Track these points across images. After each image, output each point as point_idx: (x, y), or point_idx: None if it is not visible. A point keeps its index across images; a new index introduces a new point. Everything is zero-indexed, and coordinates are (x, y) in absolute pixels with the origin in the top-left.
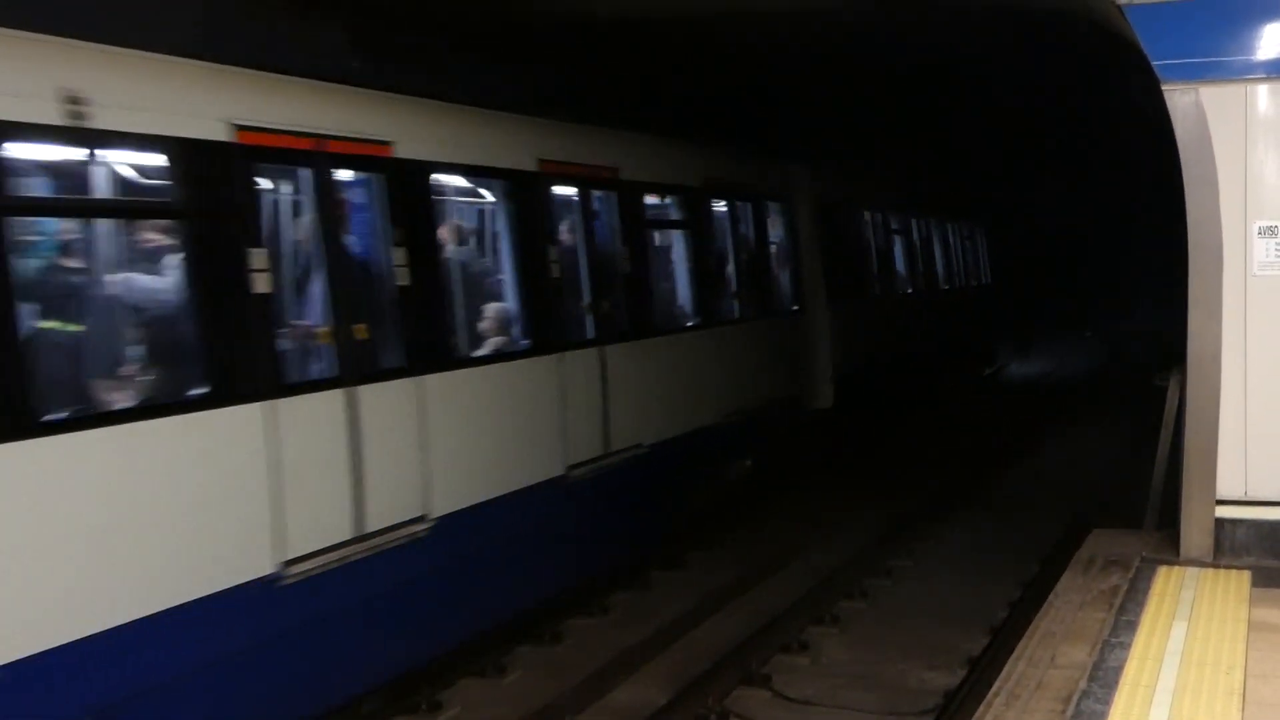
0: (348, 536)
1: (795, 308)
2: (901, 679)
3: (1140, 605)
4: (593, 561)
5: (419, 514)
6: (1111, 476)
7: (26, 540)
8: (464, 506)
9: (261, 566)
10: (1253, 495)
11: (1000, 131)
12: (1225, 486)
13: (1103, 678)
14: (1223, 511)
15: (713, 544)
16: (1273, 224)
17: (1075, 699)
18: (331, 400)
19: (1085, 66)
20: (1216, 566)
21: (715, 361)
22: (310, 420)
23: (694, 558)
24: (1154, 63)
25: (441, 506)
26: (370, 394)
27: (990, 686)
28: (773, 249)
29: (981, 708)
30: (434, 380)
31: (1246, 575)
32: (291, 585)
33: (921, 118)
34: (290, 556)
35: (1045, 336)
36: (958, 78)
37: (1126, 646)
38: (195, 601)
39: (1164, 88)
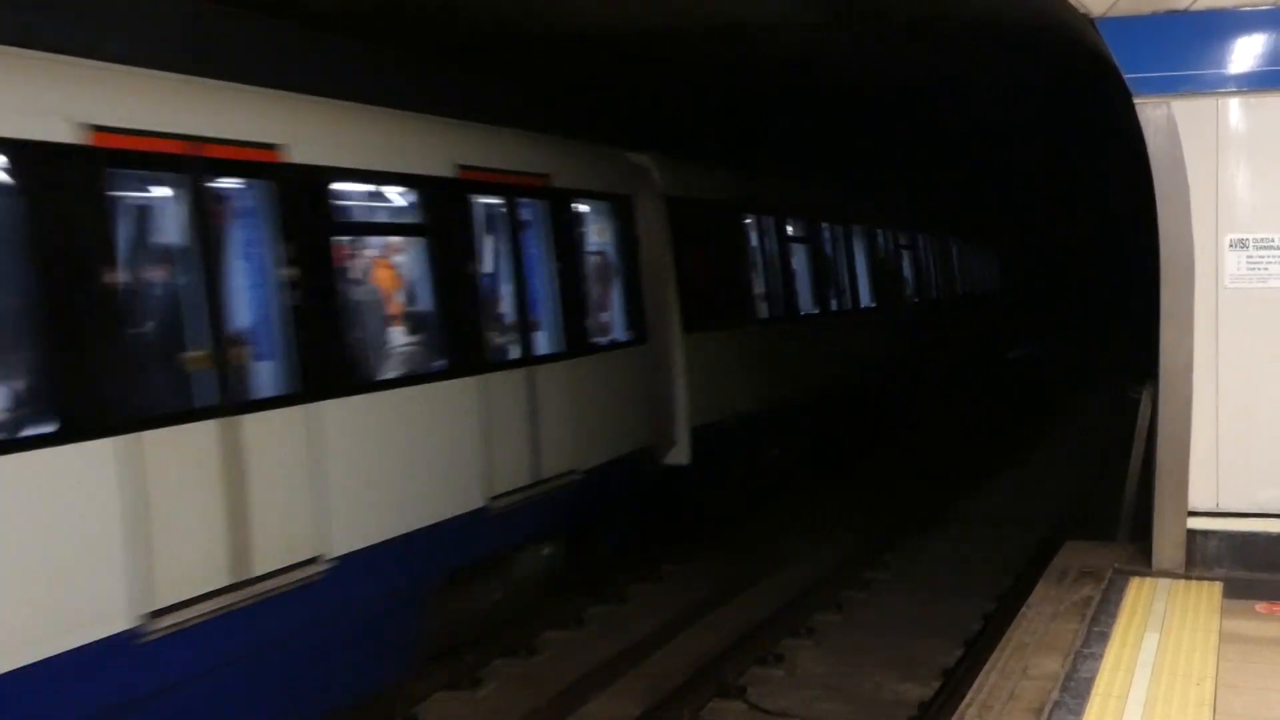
0: None
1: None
2: (876, 691)
3: (1112, 616)
4: None
5: None
6: (1086, 488)
7: None
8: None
9: None
10: (1224, 507)
11: (968, 146)
12: (1197, 498)
13: (1075, 688)
14: (1194, 523)
15: (689, 557)
16: (1244, 237)
17: (1047, 710)
18: None
19: (1058, 81)
20: (1188, 578)
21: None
22: None
23: (670, 571)
24: (1126, 76)
25: None
26: None
27: (964, 698)
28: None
29: (954, 719)
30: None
31: (1218, 586)
32: None
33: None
34: None
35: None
36: (930, 93)
37: (1098, 657)
38: None
39: (1136, 101)
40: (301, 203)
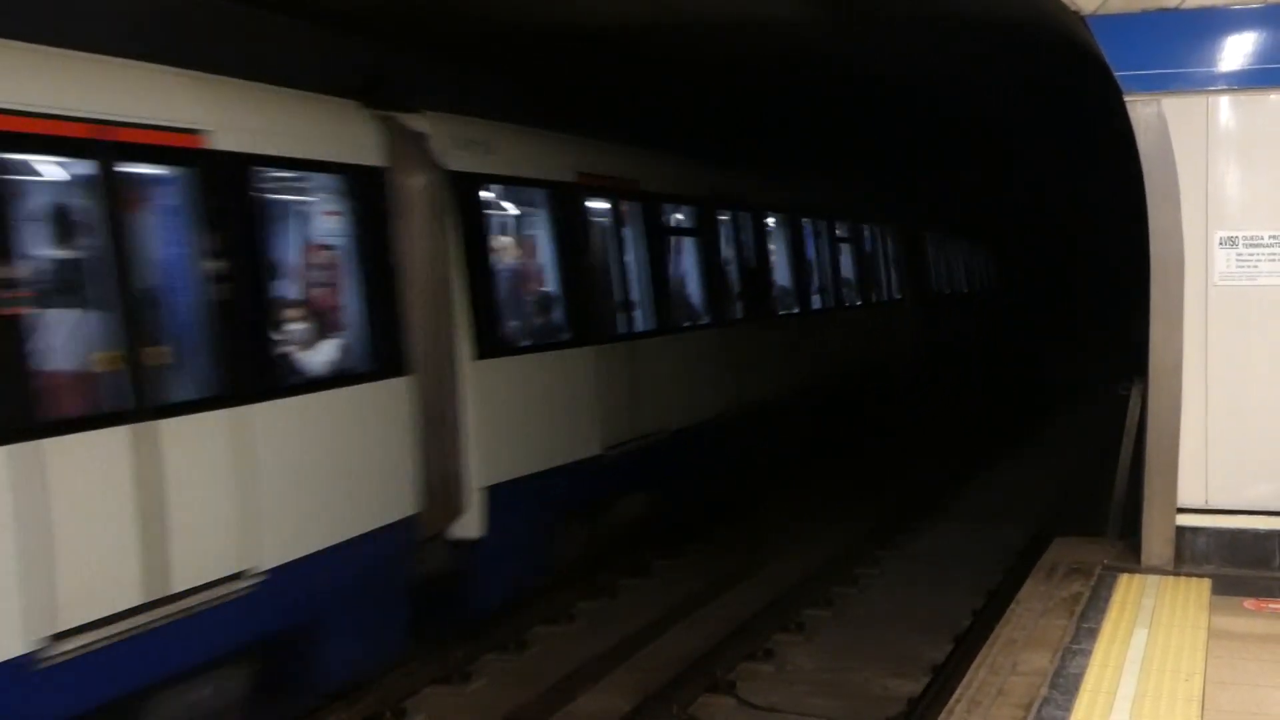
0: None
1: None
2: (866, 686)
3: (1101, 613)
4: None
5: None
6: (1075, 485)
7: None
8: None
9: None
10: (1213, 504)
11: (964, 145)
12: (1186, 495)
13: (1064, 685)
14: (1183, 520)
15: (679, 553)
16: (1233, 234)
17: (1036, 706)
18: None
19: (1051, 79)
20: (1177, 574)
21: None
22: None
23: (660, 566)
24: (1117, 73)
25: None
26: None
27: (953, 694)
28: None
29: (943, 715)
30: None
31: (1206, 583)
32: None
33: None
34: None
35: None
36: (921, 92)
37: (1087, 654)
38: None
39: (1126, 98)
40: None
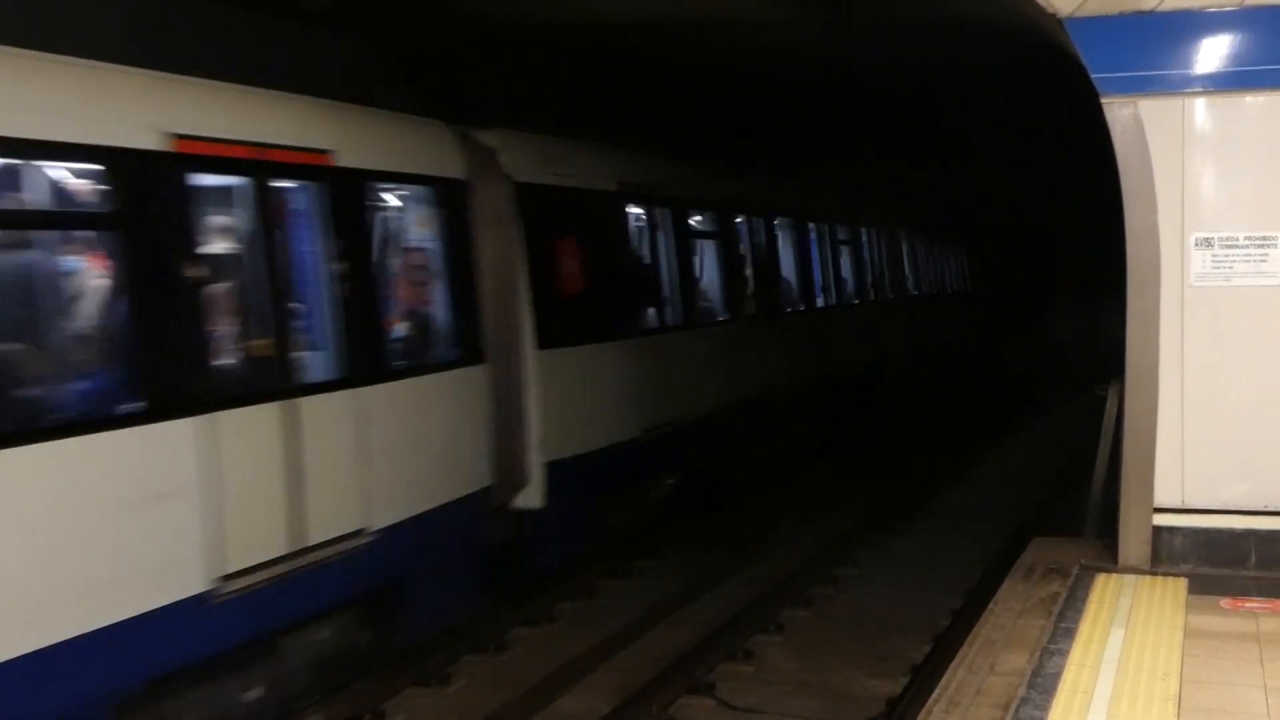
0: None
1: None
2: (845, 687)
3: (1079, 612)
4: None
5: None
6: (1054, 485)
7: None
8: None
9: None
10: (1189, 503)
11: (948, 147)
12: (1163, 495)
13: (1041, 684)
14: (1160, 520)
15: (659, 554)
16: (1209, 236)
17: (1014, 706)
18: None
19: (1031, 81)
20: (1154, 574)
21: None
22: None
23: (640, 567)
24: (1093, 76)
25: None
26: None
27: (932, 694)
28: None
29: (922, 715)
30: None
31: (1183, 582)
32: None
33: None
34: None
35: None
36: (893, 90)
37: (1065, 653)
38: None
39: (1103, 101)
40: None
